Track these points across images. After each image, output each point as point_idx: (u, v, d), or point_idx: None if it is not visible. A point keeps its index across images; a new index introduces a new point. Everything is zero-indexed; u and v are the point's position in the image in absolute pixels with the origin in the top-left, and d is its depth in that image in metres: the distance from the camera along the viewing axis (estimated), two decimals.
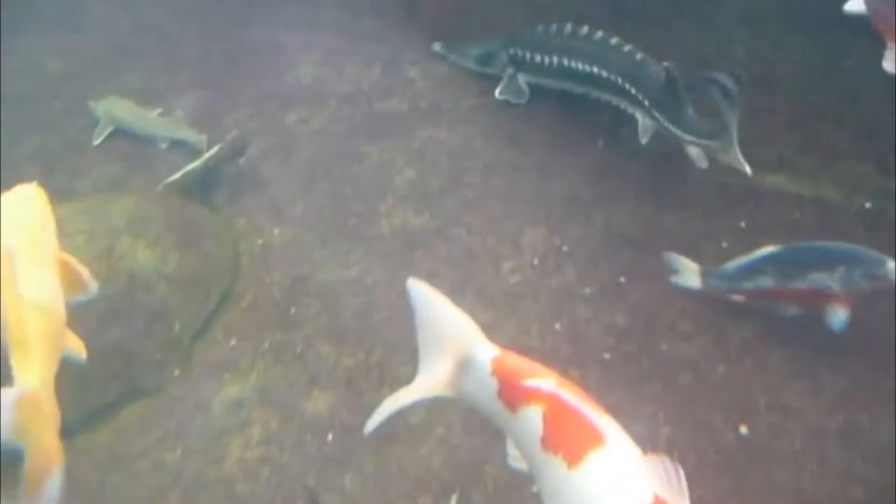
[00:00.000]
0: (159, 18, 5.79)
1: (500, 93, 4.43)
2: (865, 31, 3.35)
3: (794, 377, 2.96)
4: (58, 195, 3.98)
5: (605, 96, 4.04)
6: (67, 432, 2.87)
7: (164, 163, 4.23)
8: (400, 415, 1.93)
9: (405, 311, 3.30)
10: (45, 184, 4.17)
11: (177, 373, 3.14)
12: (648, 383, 2.98)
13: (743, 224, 3.60)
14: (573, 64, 4.08)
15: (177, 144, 4.33)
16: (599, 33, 4.00)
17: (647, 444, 2.71)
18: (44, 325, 2.03)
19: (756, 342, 3.10)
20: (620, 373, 3.02)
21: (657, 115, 3.68)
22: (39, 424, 1.93)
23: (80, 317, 2.79)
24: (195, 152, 4.20)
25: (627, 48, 3.88)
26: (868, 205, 3.63)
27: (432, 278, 3.38)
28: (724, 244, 3.50)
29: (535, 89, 4.40)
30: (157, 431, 2.86)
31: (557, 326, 3.21)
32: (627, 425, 2.77)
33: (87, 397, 2.86)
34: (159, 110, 4.65)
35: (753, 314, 3.18)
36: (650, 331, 3.17)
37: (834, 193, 3.73)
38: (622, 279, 3.40)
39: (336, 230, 3.73)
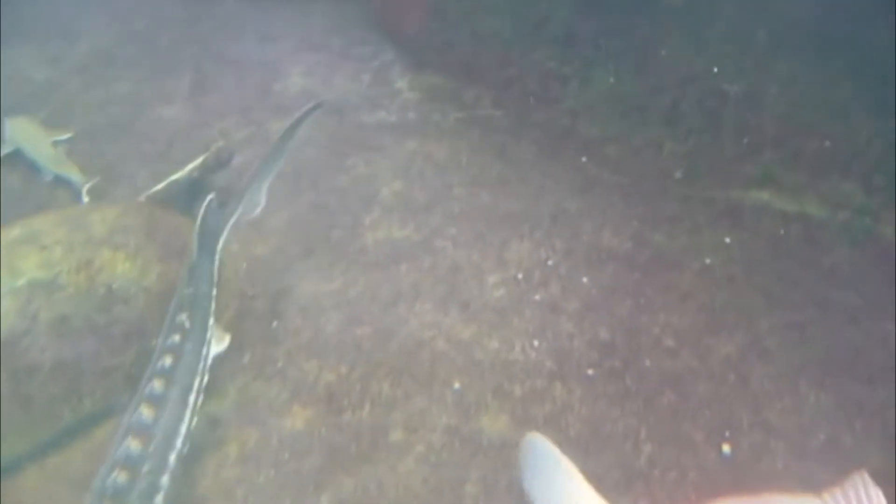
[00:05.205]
0: (147, 27, 5.76)
1: None
2: (851, 50, 3.37)
3: (777, 395, 2.95)
4: (38, 205, 4.00)
5: None
6: (38, 452, 2.84)
7: (147, 174, 4.20)
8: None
9: (388, 325, 3.30)
10: (26, 194, 4.20)
11: None
12: (631, 400, 2.96)
13: (728, 240, 3.60)
14: None
15: (61, 179, 4.20)
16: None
17: (629, 460, 2.74)
18: None
19: (739, 359, 3.09)
20: (604, 389, 3.00)
21: None
22: None
23: (56, 330, 2.76)
24: (78, 191, 4.10)
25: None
26: (852, 222, 3.64)
27: (416, 291, 3.40)
28: (708, 260, 3.50)
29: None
30: None
31: (541, 342, 3.19)
32: (609, 442, 2.77)
33: (59, 414, 2.81)
34: (68, 135, 4.52)
35: (736, 330, 3.18)
36: (634, 347, 3.15)
37: (818, 210, 3.73)
38: (607, 294, 3.39)
39: (320, 242, 3.70)
